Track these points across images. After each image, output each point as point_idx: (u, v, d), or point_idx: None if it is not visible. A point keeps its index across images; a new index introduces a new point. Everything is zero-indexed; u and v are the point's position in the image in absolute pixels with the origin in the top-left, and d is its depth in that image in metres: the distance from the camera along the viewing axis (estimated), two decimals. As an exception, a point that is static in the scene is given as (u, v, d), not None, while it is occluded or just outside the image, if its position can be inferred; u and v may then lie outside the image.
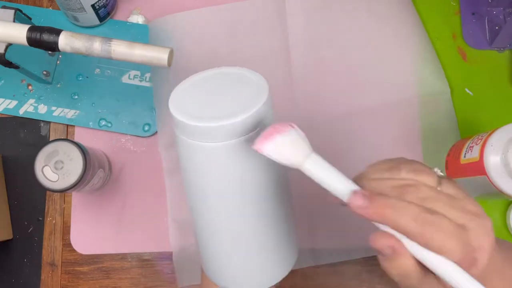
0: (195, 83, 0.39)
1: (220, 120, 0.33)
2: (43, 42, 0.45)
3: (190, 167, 0.37)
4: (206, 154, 0.35)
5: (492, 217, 0.57)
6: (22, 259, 0.58)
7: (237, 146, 0.34)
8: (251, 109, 0.34)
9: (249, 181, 0.37)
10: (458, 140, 0.57)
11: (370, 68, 0.60)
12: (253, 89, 0.36)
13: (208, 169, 0.36)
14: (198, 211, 0.40)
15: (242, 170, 0.36)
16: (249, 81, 0.37)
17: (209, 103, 0.36)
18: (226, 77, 0.39)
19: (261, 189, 0.38)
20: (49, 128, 0.61)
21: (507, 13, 0.61)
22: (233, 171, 0.36)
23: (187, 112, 0.35)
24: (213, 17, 0.62)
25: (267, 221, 0.40)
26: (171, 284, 0.57)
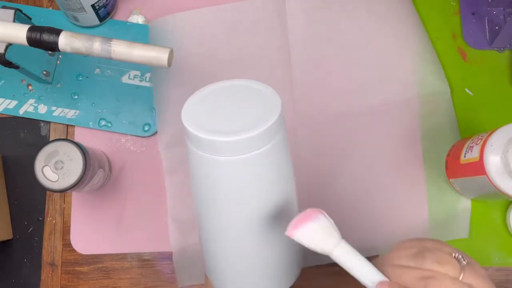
0: (206, 96, 0.39)
1: (236, 134, 0.33)
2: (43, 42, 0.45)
3: (202, 179, 0.37)
4: (220, 167, 0.35)
5: (492, 217, 0.57)
6: (22, 259, 0.58)
7: (251, 159, 0.34)
8: (266, 123, 0.34)
9: (261, 194, 0.37)
10: (458, 140, 0.57)
11: (370, 68, 0.60)
12: (266, 102, 0.36)
13: (221, 182, 0.36)
14: (207, 221, 0.40)
15: (255, 183, 0.36)
16: (260, 94, 0.38)
17: (222, 117, 0.36)
18: (238, 89, 0.39)
19: (272, 201, 0.38)
20: (49, 128, 0.61)
21: (507, 13, 0.61)
22: (246, 184, 0.36)
23: (201, 125, 0.34)
24: (213, 17, 0.62)
25: (277, 233, 0.40)
26: (171, 284, 0.57)
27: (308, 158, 0.58)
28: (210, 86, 0.39)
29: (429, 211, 0.57)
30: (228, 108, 0.37)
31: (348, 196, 0.58)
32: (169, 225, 0.57)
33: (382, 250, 0.56)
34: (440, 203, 0.57)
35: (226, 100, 0.38)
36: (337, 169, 0.58)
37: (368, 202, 0.58)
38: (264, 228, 0.39)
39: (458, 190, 0.56)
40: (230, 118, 0.36)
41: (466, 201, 0.57)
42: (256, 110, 0.36)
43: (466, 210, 0.57)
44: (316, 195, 0.58)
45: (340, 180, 0.58)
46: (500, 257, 0.56)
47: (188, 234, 0.57)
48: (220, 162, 0.34)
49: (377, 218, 0.57)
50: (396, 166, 0.58)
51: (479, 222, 0.57)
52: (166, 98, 0.59)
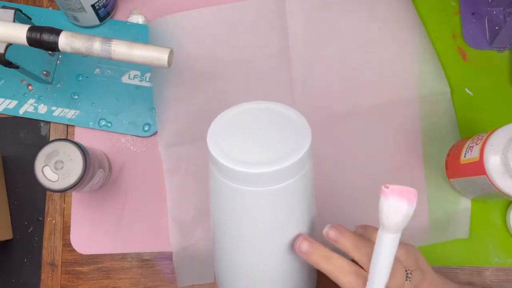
0: (231, 119, 0.37)
1: (264, 166, 0.32)
2: (43, 42, 0.45)
3: (227, 207, 0.37)
4: (244, 197, 0.34)
5: (492, 217, 0.57)
6: (22, 259, 0.58)
7: (277, 191, 0.34)
8: (298, 154, 0.33)
9: (284, 223, 0.37)
10: (458, 140, 0.57)
11: (370, 68, 0.60)
12: (294, 128, 0.35)
13: (247, 212, 0.36)
14: (224, 244, 0.40)
15: (281, 213, 0.36)
16: (288, 119, 0.36)
17: (250, 144, 0.35)
18: (264, 113, 0.38)
19: (295, 230, 0.38)
20: (49, 128, 0.61)
21: (507, 13, 0.61)
22: (272, 214, 0.36)
23: (228, 153, 0.33)
24: (213, 17, 0.62)
25: (298, 262, 0.40)
26: (171, 284, 0.57)
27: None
28: (234, 109, 0.38)
29: (429, 211, 0.57)
30: (255, 135, 0.36)
31: (348, 196, 0.58)
32: (169, 225, 0.57)
33: None
34: (440, 203, 0.57)
35: (253, 126, 0.37)
36: (337, 169, 0.58)
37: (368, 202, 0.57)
38: (284, 255, 0.38)
39: (458, 190, 0.56)
40: (257, 146, 0.34)
41: (466, 201, 0.57)
42: (285, 138, 0.34)
43: (466, 210, 0.57)
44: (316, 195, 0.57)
45: (340, 180, 0.58)
46: (500, 257, 0.56)
47: (188, 234, 0.57)
48: (245, 192, 0.34)
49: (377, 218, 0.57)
50: (396, 166, 0.58)
51: (479, 222, 0.57)
52: (166, 98, 0.59)
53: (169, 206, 0.58)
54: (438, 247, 0.56)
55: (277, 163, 0.32)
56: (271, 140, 0.35)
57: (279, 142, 0.34)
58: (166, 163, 0.58)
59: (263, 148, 0.34)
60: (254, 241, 0.38)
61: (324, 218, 0.57)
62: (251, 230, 0.37)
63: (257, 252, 0.38)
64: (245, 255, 0.39)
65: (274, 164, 0.32)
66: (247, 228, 0.37)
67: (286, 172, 0.33)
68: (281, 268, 0.40)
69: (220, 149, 0.34)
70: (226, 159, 0.33)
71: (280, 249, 0.38)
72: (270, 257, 0.39)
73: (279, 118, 0.37)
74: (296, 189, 0.35)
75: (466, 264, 0.56)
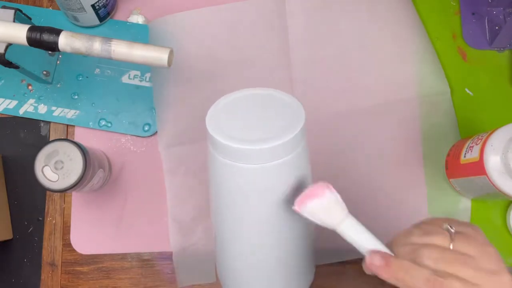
0: (229, 104, 0.39)
1: (262, 143, 0.33)
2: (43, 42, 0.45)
3: (223, 184, 0.38)
4: (244, 174, 0.35)
5: (492, 217, 0.57)
6: (22, 259, 0.58)
7: (274, 168, 0.35)
8: (292, 132, 0.34)
9: (281, 199, 0.37)
10: (458, 140, 0.57)
11: (370, 68, 0.60)
12: (289, 110, 0.37)
13: (244, 189, 0.37)
14: (225, 225, 0.40)
15: (276, 190, 0.37)
16: (284, 104, 0.38)
17: (247, 125, 0.36)
18: (260, 98, 0.39)
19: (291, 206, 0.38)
20: (49, 128, 0.61)
21: (507, 13, 0.61)
22: (268, 190, 0.37)
23: (226, 133, 0.35)
24: (213, 17, 0.62)
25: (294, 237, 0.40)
26: (171, 284, 0.57)
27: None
28: (232, 95, 0.39)
29: (429, 211, 0.57)
30: (252, 117, 0.37)
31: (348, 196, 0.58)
32: (169, 225, 0.57)
33: None
34: (440, 203, 0.57)
35: (249, 109, 0.38)
36: (337, 169, 0.58)
37: (368, 202, 0.58)
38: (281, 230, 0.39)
39: (458, 190, 0.56)
40: (255, 126, 0.36)
41: (466, 201, 0.57)
42: (280, 118, 0.36)
43: (466, 210, 0.57)
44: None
45: (339, 180, 0.58)
46: (500, 257, 0.56)
47: (188, 234, 0.57)
48: (243, 169, 0.35)
49: (377, 218, 0.57)
50: (396, 166, 0.58)
51: (479, 222, 0.57)
52: (166, 98, 0.59)
53: (169, 206, 0.58)
54: (438, 247, 0.56)
55: (273, 141, 0.33)
56: (267, 121, 0.36)
57: (274, 123, 0.36)
58: (166, 163, 0.58)
59: (259, 128, 0.36)
60: (251, 219, 0.38)
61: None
62: (248, 207, 0.38)
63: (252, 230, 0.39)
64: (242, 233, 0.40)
65: (268, 142, 0.33)
66: (245, 206, 0.38)
67: (282, 149, 0.34)
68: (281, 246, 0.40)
69: (218, 128, 0.35)
70: (224, 137, 0.34)
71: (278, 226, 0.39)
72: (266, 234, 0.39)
73: (275, 102, 0.38)
74: (291, 166, 0.36)
75: (466, 264, 0.56)
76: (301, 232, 0.42)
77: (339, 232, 0.36)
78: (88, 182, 0.52)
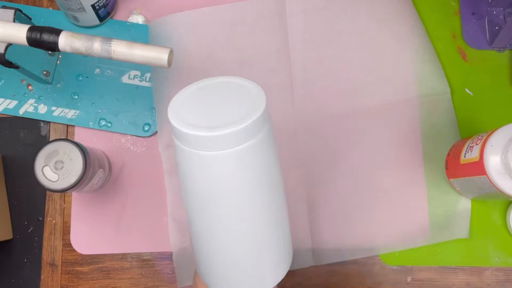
0: (194, 92, 0.39)
1: (218, 129, 0.34)
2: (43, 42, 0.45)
3: (187, 173, 0.38)
4: (203, 162, 0.36)
5: (492, 217, 0.57)
6: (22, 259, 0.58)
7: (233, 155, 0.35)
8: (248, 119, 0.34)
9: (246, 188, 0.37)
10: (458, 140, 0.57)
11: (370, 68, 0.60)
12: (251, 98, 0.37)
13: (205, 176, 0.37)
14: (195, 215, 0.41)
15: (238, 178, 0.37)
16: (247, 91, 0.38)
17: (208, 112, 0.37)
18: (225, 86, 0.40)
19: (258, 194, 0.38)
20: (49, 128, 0.61)
21: (507, 13, 0.61)
22: (229, 179, 0.37)
23: (185, 120, 0.35)
24: (213, 17, 0.62)
25: (265, 224, 0.40)
26: (171, 284, 0.57)
27: (308, 158, 0.58)
28: (195, 84, 0.40)
29: (429, 211, 0.57)
30: (213, 104, 0.38)
31: (348, 196, 0.58)
32: (169, 225, 0.57)
33: (382, 250, 0.56)
34: (440, 203, 0.57)
35: (212, 97, 0.39)
36: (337, 169, 0.58)
37: (368, 202, 0.58)
38: (253, 217, 0.39)
39: (458, 190, 0.56)
40: (215, 113, 0.36)
41: (466, 201, 0.57)
42: (241, 105, 0.36)
43: (466, 210, 0.57)
44: (316, 196, 0.58)
45: (340, 180, 0.58)
46: (500, 257, 0.56)
47: (188, 234, 0.57)
48: (203, 157, 0.35)
49: (377, 218, 0.57)
50: (396, 166, 0.58)
51: (479, 222, 0.57)
52: (166, 98, 0.59)
53: (169, 206, 0.58)
54: (438, 247, 0.56)
55: (230, 126, 0.34)
56: (228, 107, 0.37)
57: (235, 109, 0.36)
58: (166, 163, 0.58)
59: (220, 115, 0.36)
60: (216, 206, 0.39)
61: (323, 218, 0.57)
62: (212, 196, 0.38)
63: (219, 218, 0.39)
64: (210, 224, 0.40)
65: (226, 127, 0.34)
66: (208, 195, 0.38)
67: (239, 135, 0.34)
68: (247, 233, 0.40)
69: (178, 117, 0.36)
70: (182, 124, 0.35)
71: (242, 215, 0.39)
72: (234, 223, 0.39)
73: (237, 90, 0.39)
74: (251, 154, 0.36)
75: (466, 264, 0.56)
76: (273, 219, 0.41)
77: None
78: (88, 182, 0.52)
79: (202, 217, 0.40)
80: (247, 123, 0.34)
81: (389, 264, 0.56)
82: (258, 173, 0.38)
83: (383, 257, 0.56)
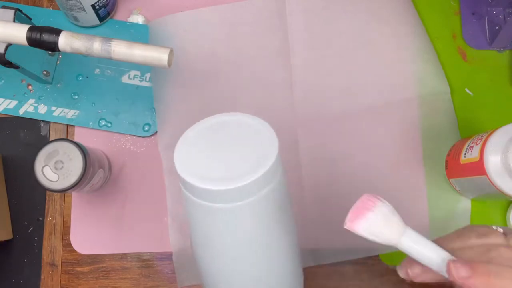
0: (198, 135, 0.37)
1: (229, 182, 0.32)
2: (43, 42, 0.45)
3: (198, 223, 0.37)
4: (214, 214, 0.34)
5: (492, 217, 0.57)
6: (22, 259, 0.58)
7: (245, 207, 0.33)
8: (262, 169, 0.32)
9: (259, 237, 0.36)
10: (458, 140, 0.57)
11: (370, 68, 0.60)
12: (261, 142, 0.35)
13: (216, 228, 0.36)
14: (205, 260, 0.40)
15: (250, 228, 0.36)
16: (256, 132, 0.36)
17: (216, 161, 0.34)
18: (231, 126, 0.37)
19: (271, 242, 0.37)
20: (49, 128, 0.61)
21: (507, 13, 0.61)
22: (241, 230, 0.35)
23: (195, 171, 0.33)
24: (213, 17, 0.62)
25: (279, 261, 0.40)
26: (171, 284, 0.57)
27: (308, 159, 0.58)
28: (200, 124, 0.38)
29: (429, 211, 0.57)
30: (221, 150, 0.35)
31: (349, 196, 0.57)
32: (169, 225, 0.57)
33: (382, 250, 0.56)
34: (440, 203, 0.57)
35: (220, 140, 0.36)
36: (338, 170, 0.58)
37: (368, 202, 0.57)
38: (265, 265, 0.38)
39: (458, 190, 0.56)
40: (224, 162, 0.34)
41: (466, 201, 0.57)
42: (251, 152, 0.34)
43: (466, 210, 0.57)
44: (316, 196, 0.58)
45: (340, 181, 0.58)
46: (500, 257, 0.56)
47: (188, 234, 0.57)
48: (213, 209, 0.34)
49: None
50: (396, 166, 0.58)
51: (479, 222, 0.57)
52: (166, 98, 0.59)
53: (169, 206, 0.58)
54: (438, 247, 0.56)
55: (242, 179, 0.32)
56: (238, 155, 0.34)
57: (245, 158, 0.33)
58: (166, 163, 0.58)
59: (228, 164, 0.33)
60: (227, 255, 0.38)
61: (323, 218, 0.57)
62: (223, 246, 0.37)
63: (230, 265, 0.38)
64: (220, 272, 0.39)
65: (238, 180, 0.32)
66: (219, 245, 0.37)
67: (252, 187, 0.32)
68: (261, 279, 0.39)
69: (187, 166, 0.34)
70: (190, 176, 0.33)
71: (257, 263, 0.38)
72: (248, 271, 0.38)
73: (247, 131, 0.36)
74: (268, 202, 0.34)
75: (466, 264, 0.56)
76: (282, 264, 0.41)
77: (400, 248, 0.33)
78: (88, 182, 0.52)
79: (213, 262, 0.39)
80: (258, 175, 0.32)
81: (389, 264, 0.56)
82: (273, 219, 0.36)
83: (383, 257, 0.56)
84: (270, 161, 0.33)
